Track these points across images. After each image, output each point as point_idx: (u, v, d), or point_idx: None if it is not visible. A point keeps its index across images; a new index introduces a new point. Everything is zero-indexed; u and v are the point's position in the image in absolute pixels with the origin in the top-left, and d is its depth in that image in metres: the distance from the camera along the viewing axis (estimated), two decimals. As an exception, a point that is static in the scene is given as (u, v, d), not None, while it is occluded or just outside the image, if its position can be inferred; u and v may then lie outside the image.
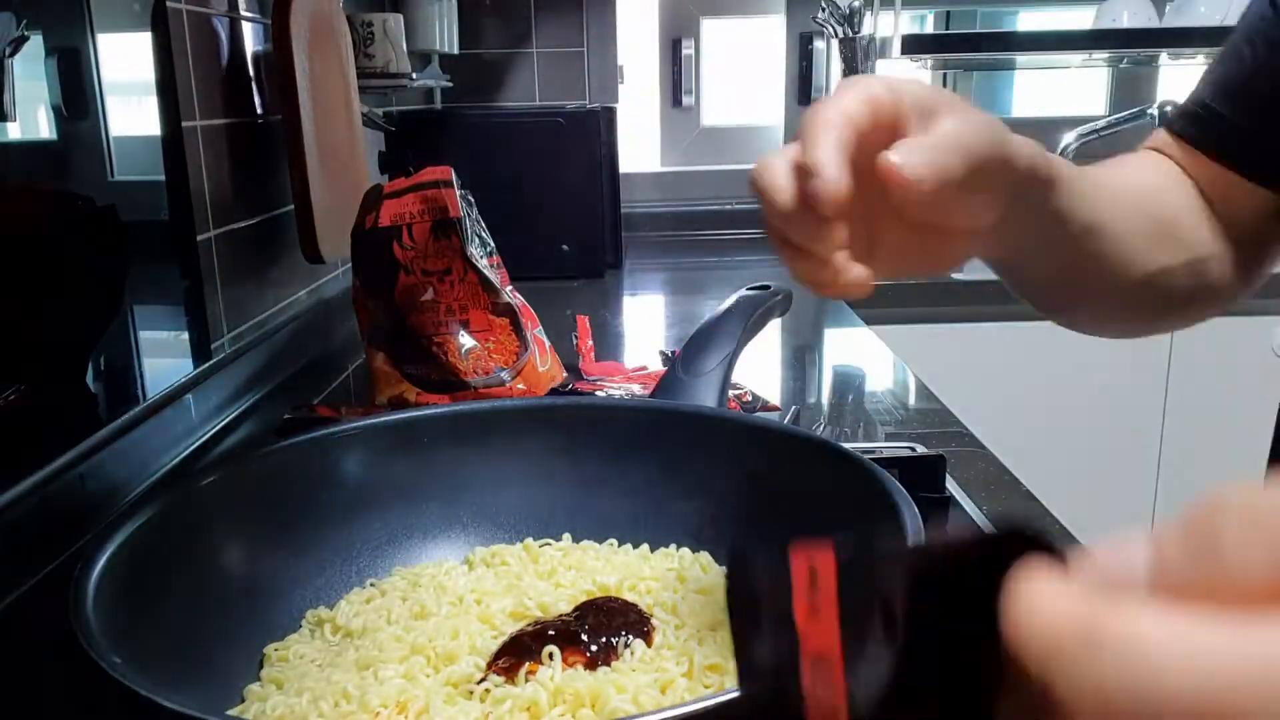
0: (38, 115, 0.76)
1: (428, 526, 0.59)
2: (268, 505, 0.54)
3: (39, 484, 0.69)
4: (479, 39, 1.99)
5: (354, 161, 1.23)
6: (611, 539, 0.59)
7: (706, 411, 0.61)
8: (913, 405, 1.06)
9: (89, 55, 0.81)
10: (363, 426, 0.58)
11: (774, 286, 0.76)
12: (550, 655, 0.44)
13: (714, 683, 0.44)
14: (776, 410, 0.95)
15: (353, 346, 1.26)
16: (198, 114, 0.98)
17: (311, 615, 0.53)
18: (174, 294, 0.97)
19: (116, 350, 0.86)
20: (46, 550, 0.69)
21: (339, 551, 0.56)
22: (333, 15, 1.19)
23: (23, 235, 0.72)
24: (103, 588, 0.41)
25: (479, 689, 0.44)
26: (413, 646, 0.48)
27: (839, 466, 0.51)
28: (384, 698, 0.44)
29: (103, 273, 0.83)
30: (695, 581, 0.54)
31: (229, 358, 1.02)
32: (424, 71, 1.69)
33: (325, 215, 1.10)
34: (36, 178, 0.76)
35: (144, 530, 0.46)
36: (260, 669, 0.49)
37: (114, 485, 0.78)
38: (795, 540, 0.21)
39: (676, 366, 0.67)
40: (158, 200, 0.93)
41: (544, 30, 2.01)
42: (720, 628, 0.49)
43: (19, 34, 0.71)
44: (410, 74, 1.47)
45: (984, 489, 0.79)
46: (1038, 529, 0.20)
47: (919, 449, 0.73)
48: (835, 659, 0.21)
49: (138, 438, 0.82)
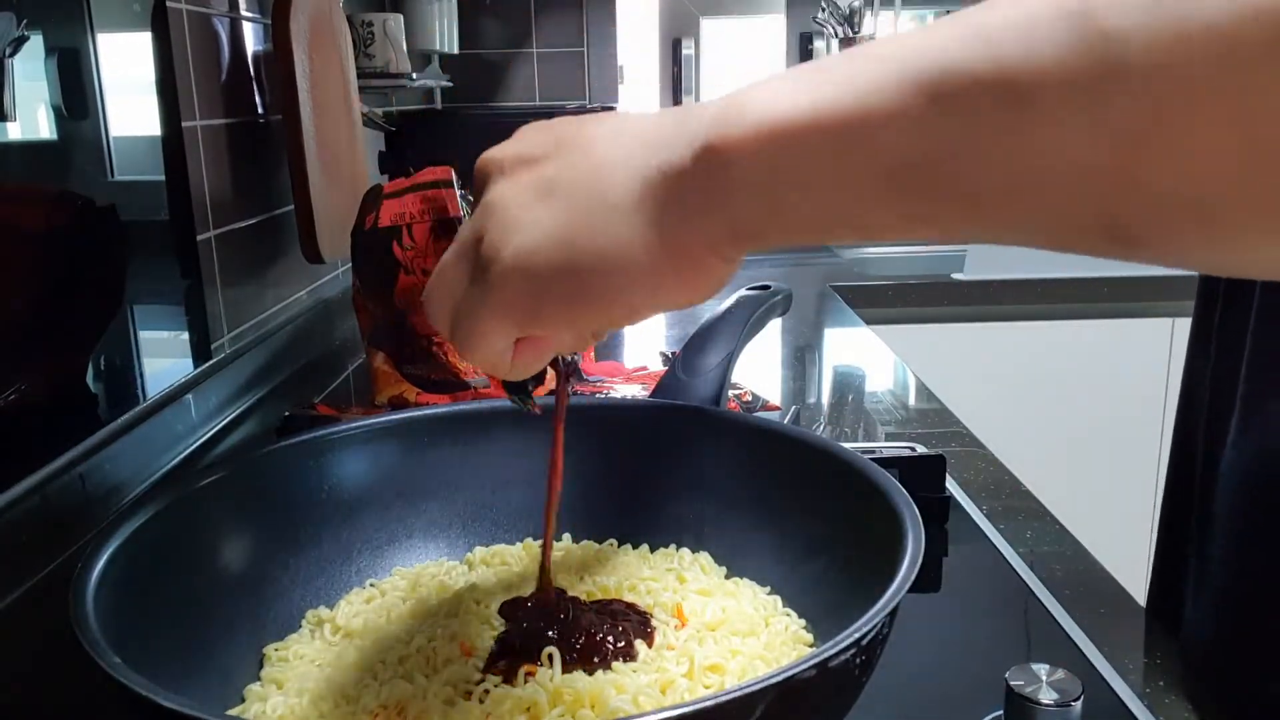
0: (38, 115, 0.76)
1: (428, 526, 0.59)
2: (268, 505, 0.54)
3: (39, 484, 0.69)
4: (479, 39, 1.99)
5: (354, 161, 1.23)
6: (611, 539, 0.59)
7: (706, 411, 0.61)
8: (913, 405, 1.06)
9: (89, 55, 0.81)
10: (363, 426, 0.58)
11: (774, 286, 0.76)
12: (549, 656, 0.44)
13: (714, 682, 0.44)
14: (776, 410, 0.95)
15: (353, 346, 1.26)
16: (198, 114, 0.98)
17: (311, 615, 0.53)
18: (174, 294, 0.97)
19: (116, 350, 0.86)
20: (46, 550, 0.69)
21: (339, 551, 0.56)
22: (333, 15, 1.19)
23: (23, 235, 0.72)
24: (103, 588, 0.41)
25: (478, 689, 0.44)
26: (413, 647, 0.48)
27: (839, 466, 0.51)
28: (383, 698, 0.44)
29: (103, 273, 0.82)
30: (695, 581, 0.54)
31: (229, 358, 1.02)
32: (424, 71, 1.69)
33: (325, 215, 1.10)
34: (36, 178, 0.76)
35: (144, 530, 0.46)
36: (260, 669, 0.49)
37: (114, 485, 0.78)
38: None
39: (676, 366, 0.67)
40: (158, 200, 0.93)
41: (544, 30, 2.01)
42: (720, 627, 0.49)
43: (19, 34, 0.71)
44: (410, 74, 1.47)
45: (984, 489, 0.79)
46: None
47: (919, 449, 0.73)
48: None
49: (138, 438, 0.82)
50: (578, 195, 0.34)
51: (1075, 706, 0.43)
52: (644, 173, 0.33)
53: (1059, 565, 0.66)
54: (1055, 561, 0.66)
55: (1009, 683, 0.44)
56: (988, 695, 0.47)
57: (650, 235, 0.33)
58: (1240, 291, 0.57)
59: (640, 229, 0.33)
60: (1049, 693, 0.44)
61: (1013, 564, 0.65)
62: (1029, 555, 0.67)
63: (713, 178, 0.31)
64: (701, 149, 0.31)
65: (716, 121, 0.31)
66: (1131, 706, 0.50)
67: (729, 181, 0.31)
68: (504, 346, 0.36)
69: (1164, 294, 1.74)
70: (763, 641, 0.48)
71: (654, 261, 0.33)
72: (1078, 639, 0.56)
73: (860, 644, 0.36)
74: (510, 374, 0.38)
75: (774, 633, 0.49)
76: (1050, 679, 0.44)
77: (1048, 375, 1.77)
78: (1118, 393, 1.77)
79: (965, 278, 1.78)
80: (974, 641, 0.59)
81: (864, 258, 2.22)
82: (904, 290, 1.76)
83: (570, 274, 0.33)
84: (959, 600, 0.64)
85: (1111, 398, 1.77)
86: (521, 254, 0.34)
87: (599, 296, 0.34)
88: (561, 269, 0.33)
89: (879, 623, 0.37)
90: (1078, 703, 0.43)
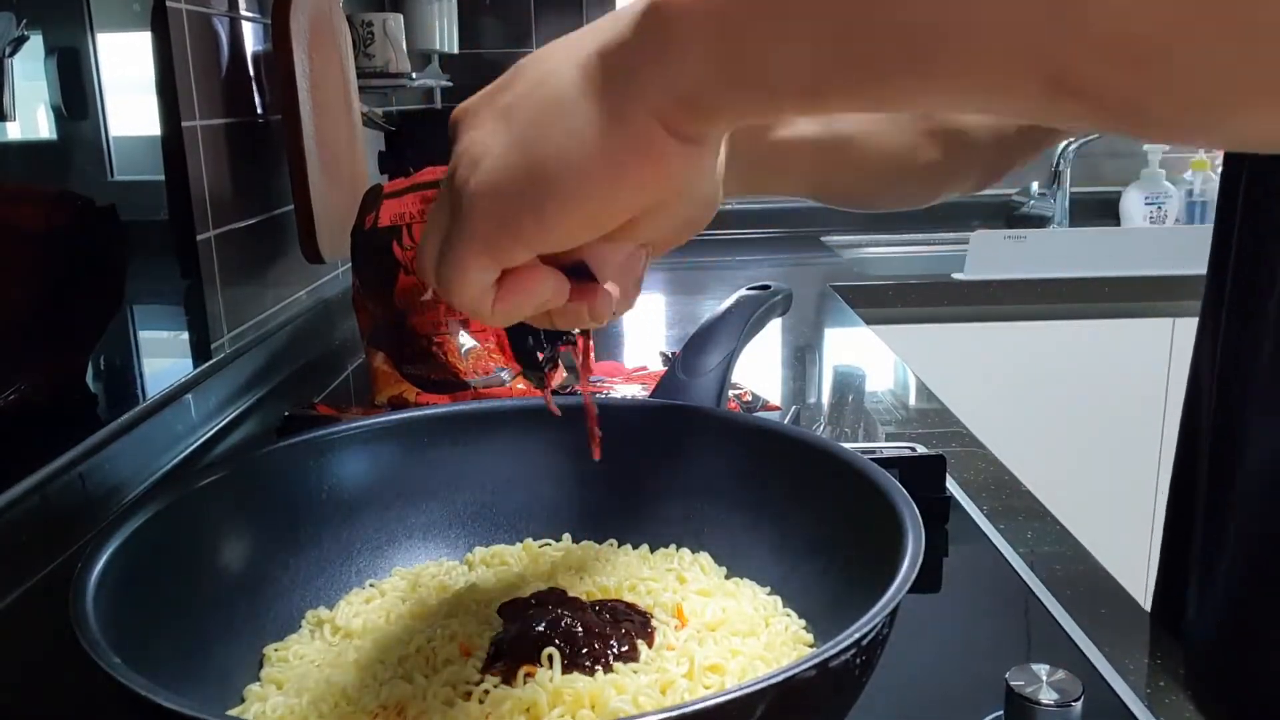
0: (38, 115, 0.76)
1: (428, 526, 0.59)
2: (268, 505, 0.54)
3: (39, 484, 0.69)
4: (479, 39, 1.99)
5: (354, 161, 1.23)
6: (611, 539, 0.59)
7: (706, 412, 0.61)
8: (913, 405, 1.06)
9: (89, 55, 0.81)
10: (362, 426, 0.58)
11: (774, 286, 0.76)
12: (549, 657, 0.44)
13: (714, 683, 0.44)
14: (776, 410, 0.95)
15: (353, 346, 1.26)
16: (198, 114, 0.98)
17: (311, 615, 0.53)
18: (174, 294, 0.97)
19: (116, 350, 0.86)
20: (46, 550, 0.69)
21: (339, 551, 0.56)
22: (333, 15, 1.19)
23: (23, 235, 0.72)
24: (103, 588, 0.41)
25: (478, 690, 0.44)
26: (412, 647, 0.48)
27: (839, 467, 0.51)
28: (383, 699, 0.44)
29: (103, 273, 0.82)
30: (695, 581, 0.54)
31: (229, 358, 1.02)
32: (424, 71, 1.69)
33: (325, 215, 1.10)
34: (36, 178, 0.76)
35: (144, 530, 0.46)
36: (260, 669, 0.49)
37: (114, 485, 0.78)
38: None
39: (676, 366, 0.67)
40: (158, 200, 0.93)
41: (544, 30, 2.01)
42: (720, 627, 0.49)
43: (19, 34, 0.71)
44: (410, 74, 1.47)
45: (984, 489, 0.79)
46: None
47: (919, 449, 0.73)
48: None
49: (138, 438, 0.82)
50: (528, 107, 0.34)
51: (1076, 707, 0.43)
52: (587, 59, 0.33)
53: (1059, 565, 0.66)
54: (1055, 561, 0.66)
55: (1009, 683, 0.44)
56: (988, 695, 0.47)
57: (599, 117, 0.32)
58: (1252, 293, 0.57)
59: (589, 114, 0.32)
60: (1049, 693, 0.44)
61: (1013, 564, 0.65)
62: (1029, 555, 0.67)
63: (654, 41, 0.31)
64: (644, 12, 0.31)
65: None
66: (1132, 707, 0.50)
67: (671, 42, 0.30)
68: (485, 283, 0.35)
69: (1164, 294, 1.74)
70: (763, 642, 0.48)
71: (609, 144, 0.32)
72: (1078, 639, 0.56)
73: (860, 644, 0.36)
74: (493, 319, 0.37)
75: (774, 633, 0.49)
76: (1050, 679, 0.44)
77: (1048, 375, 1.77)
78: (1118, 393, 1.77)
79: (965, 278, 1.78)
80: (974, 641, 0.59)
81: (864, 258, 2.22)
82: (904, 290, 1.76)
83: (530, 180, 0.33)
84: (959, 600, 0.64)
85: (1111, 398, 1.77)
86: (483, 176, 0.34)
87: (565, 196, 0.33)
88: (522, 178, 0.33)
89: (879, 623, 0.37)
90: (1078, 703, 0.43)
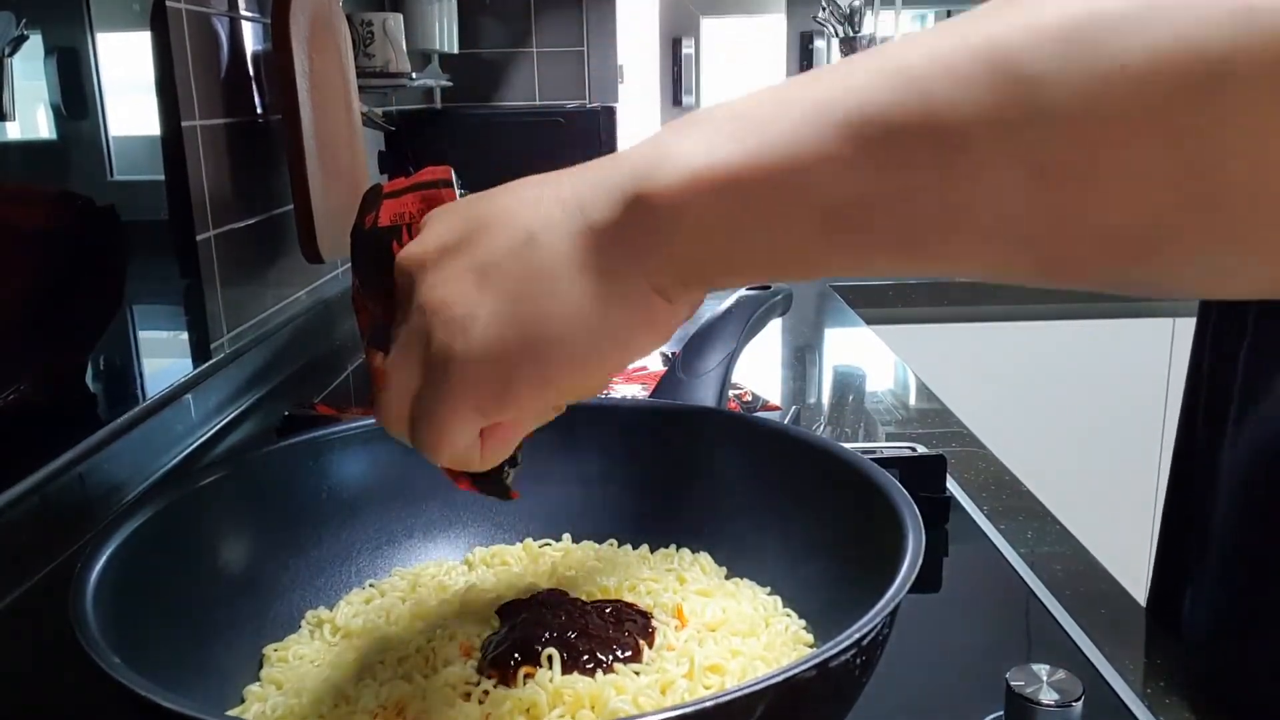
0: (37, 115, 0.76)
1: (427, 526, 0.59)
2: (268, 505, 0.54)
3: (39, 484, 0.69)
4: (479, 39, 1.98)
5: (354, 161, 1.23)
6: (611, 539, 0.59)
7: (707, 412, 0.61)
8: (913, 405, 1.06)
9: (88, 55, 0.81)
10: (363, 426, 0.58)
11: (774, 286, 0.76)
12: (549, 658, 0.44)
13: (714, 683, 0.44)
14: (777, 410, 0.95)
15: (353, 346, 1.26)
16: (198, 114, 0.98)
17: (311, 615, 0.53)
18: (174, 294, 0.97)
19: (116, 350, 0.86)
20: (46, 550, 0.69)
21: (338, 552, 0.56)
22: (333, 15, 1.19)
23: (23, 235, 0.72)
24: (103, 588, 0.41)
25: (477, 690, 0.44)
26: (412, 647, 0.48)
27: (839, 467, 0.51)
28: (383, 698, 0.44)
29: (102, 273, 0.82)
30: (695, 581, 0.54)
31: (229, 358, 1.02)
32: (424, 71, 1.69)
33: (325, 215, 1.10)
34: (36, 178, 0.76)
35: (144, 530, 0.46)
36: (260, 669, 0.49)
37: (114, 485, 0.78)
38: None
39: (676, 367, 0.67)
40: (158, 200, 0.93)
41: (544, 30, 2.01)
42: (720, 628, 0.49)
43: (19, 33, 0.71)
44: (410, 74, 1.47)
45: (984, 489, 0.79)
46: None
47: (919, 449, 0.73)
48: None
49: (138, 438, 0.82)
50: (514, 273, 0.33)
51: (1075, 707, 0.43)
52: (575, 234, 0.33)
53: (1059, 565, 0.66)
54: (1055, 562, 0.66)
55: (1009, 683, 0.44)
56: (988, 695, 0.47)
57: (599, 292, 0.33)
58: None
59: (587, 289, 0.33)
60: (1049, 693, 0.44)
61: (1013, 564, 0.65)
62: (1029, 555, 0.67)
63: (647, 227, 0.31)
64: (632, 200, 0.31)
65: (639, 174, 0.31)
66: (1132, 707, 0.50)
67: (664, 230, 0.31)
68: (472, 439, 0.35)
69: (1164, 294, 1.74)
70: (763, 642, 0.48)
71: (610, 316, 0.33)
72: (1078, 639, 0.56)
73: (860, 644, 0.36)
74: (483, 465, 0.37)
75: (774, 633, 0.49)
76: (1050, 679, 0.44)
77: (1048, 375, 1.77)
78: (1118, 393, 1.77)
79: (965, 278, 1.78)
80: (974, 641, 0.59)
81: (864, 258, 2.21)
82: (904, 290, 1.76)
83: (532, 353, 0.33)
84: (959, 600, 0.64)
85: (1111, 398, 1.77)
86: (475, 343, 0.33)
87: (567, 365, 0.33)
88: (522, 351, 0.33)
89: (879, 623, 0.37)
90: (1078, 703, 0.43)
